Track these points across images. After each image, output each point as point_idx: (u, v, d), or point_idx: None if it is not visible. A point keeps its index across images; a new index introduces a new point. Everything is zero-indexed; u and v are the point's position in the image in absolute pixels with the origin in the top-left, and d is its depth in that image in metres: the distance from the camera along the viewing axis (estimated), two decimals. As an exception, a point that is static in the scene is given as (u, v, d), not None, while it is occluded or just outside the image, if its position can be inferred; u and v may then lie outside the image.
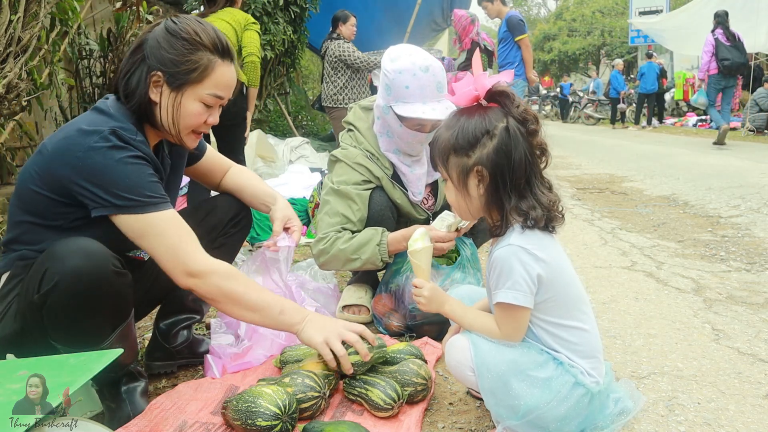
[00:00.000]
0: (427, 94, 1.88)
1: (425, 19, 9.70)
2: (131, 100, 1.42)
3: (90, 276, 1.25)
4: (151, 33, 1.43)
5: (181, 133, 1.47)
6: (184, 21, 1.44)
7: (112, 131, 1.33)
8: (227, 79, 1.47)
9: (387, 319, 2.03)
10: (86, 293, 1.25)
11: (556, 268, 1.25)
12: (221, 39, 1.45)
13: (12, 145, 3.55)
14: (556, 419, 1.22)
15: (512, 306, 1.23)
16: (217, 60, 1.43)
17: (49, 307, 1.25)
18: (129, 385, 1.47)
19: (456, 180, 1.29)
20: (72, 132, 1.33)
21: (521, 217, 1.24)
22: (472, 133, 1.24)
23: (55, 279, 1.23)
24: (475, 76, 1.27)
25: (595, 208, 4.45)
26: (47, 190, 1.34)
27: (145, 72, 1.41)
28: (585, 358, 1.27)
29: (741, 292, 2.38)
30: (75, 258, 1.24)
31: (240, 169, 1.87)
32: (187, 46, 1.40)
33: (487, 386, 1.26)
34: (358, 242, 1.94)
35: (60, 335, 1.30)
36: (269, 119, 8.52)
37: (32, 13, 2.67)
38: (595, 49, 26.35)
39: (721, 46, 7.87)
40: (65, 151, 1.31)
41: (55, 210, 1.36)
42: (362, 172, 2.03)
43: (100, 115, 1.39)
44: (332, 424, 1.34)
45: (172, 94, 1.42)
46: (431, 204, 2.19)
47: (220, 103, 1.49)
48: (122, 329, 1.37)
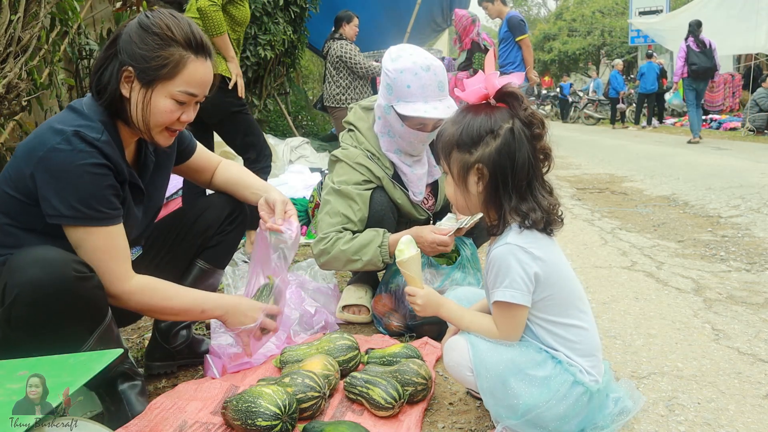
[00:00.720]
0: (428, 93, 1.88)
1: (425, 19, 9.70)
2: (102, 96, 1.40)
3: (49, 285, 1.22)
4: (126, 28, 1.40)
5: (152, 131, 1.43)
6: (158, 15, 1.40)
7: (75, 132, 1.30)
8: (200, 75, 1.42)
9: (387, 319, 2.03)
10: (48, 302, 1.22)
11: (554, 267, 1.26)
12: (196, 34, 1.41)
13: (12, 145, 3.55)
14: (556, 418, 1.22)
15: (510, 305, 1.23)
16: (189, 56, 1.39)
17: (14, 320, 1.23)
18: (126, 385, 1.47)
19: (456, 175, 1.30)
20: (41, 131, 1.32)
21: (520, 218, 1.24)
22: (477, 131, 1.24)
23: (15, 291, 1.21)
24: (487, 75, 1.27)
25: (595, 208, 4.45)
26: (17, 192, 1.33)
27: (116, 67, 1.38)
28: (584, 357, 1.27)
29: (741, 292, 2.38)
30: (33, 268, 1.22)
31: (229, 163, 1.84)
32: (158, 41, 1.36)
33: (485, 386, 1.26)
34: (359, 243, 1.94)
35: (34, 347, 1.25)
36: (269, 119, 8.51)
37: (32, 13, 2.67)
38: (595, 49, 26.33)
39: (691, 52, 8.66)
40: (31, 150, 1.30)
41: (27, 212, 1.34)
42: (363, 172, 2.03)
43: (71, 114, 1.38)
44: (332, 424, 1.34)
45: (143, 90, 1.38)
46: (431, 204, 2.19)
47: (194, 100, 1.45)
48: (101, 332, 1.34)
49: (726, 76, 14.75)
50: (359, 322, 2.16)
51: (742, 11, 12.08)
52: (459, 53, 6.25)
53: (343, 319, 2.17)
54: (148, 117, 1.41)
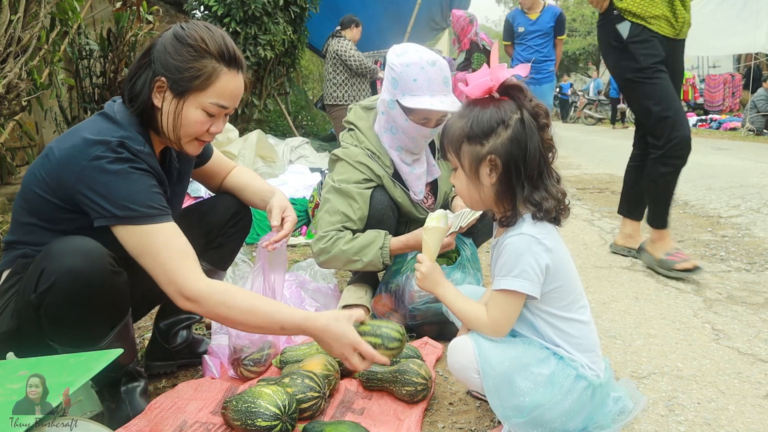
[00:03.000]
0: (434, 87, 1.89)
1: (425, 19, 9.69)
2: (134, 104, 1.42)
3: (87, 275, 1.24)
4: (161, 38, 1.42)
5: (182, 140, 1.45)
6: (193, 27, 1.42)
7: (120, 143, 1.33)
8: (233, 88, 1.44)
9: (387, 319, 2.03)
10: (83, 292, 1.24)
11: (561, 260, 1.27)
12: (229, 47, 1.43)
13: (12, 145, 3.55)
14: (561, 414, 1.22)
15: (513, 293, 1.23)
16: (222, 68, 1.41)
17: (46, 306, 1.24)
18: (129, 386, 1.47)
19: (468, 168, 1.29)
20: (79, 140, 1.32)
21: (534, 207, 1.25)
22: (487, 122, 1.24)
23: (53, 278, 1.22)
24: (492, 67, 1.27)
25: (595, 208, 4.45)
26: (53, 196, 1.34)
27: (150, 76, 1.40)
28: (584, 352, 1.28)
29: (741, 292, 2.38)
30: (72, 257, 1.24)
31: (242, 169, 1.86)
32: (192, 52, 1.38)
33: (491, 385, 1.25)
34: (360, 244, 1.94)
35: (57, 335, 1.29)
36: (269, 119, 8.51)
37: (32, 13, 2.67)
38: (595, 49, 26.32)
39: None
40: (72, 159, 1.31)
41: (60, 216, 1.35)
42: (363, 170, 2.03)
43: (107, 122, 1.39)
44: (332, 424, 1.34)
45: (174, 101, 1.40)
46: (431, 203, 2.19)
47: (224, 112, 1.47)
48: (120, 328, 1.36)
49: (726, 76, 14.77)
50: (359, 322, 2.15)
51: (742, 11, 12.08)
52: (458, 53, 6.25)
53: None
54: (179, 127, 1.42)
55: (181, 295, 1.30)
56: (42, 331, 1.30)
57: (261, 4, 6.04)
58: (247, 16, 6.08)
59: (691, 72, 16.50)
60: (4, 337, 1.35)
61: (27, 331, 1.32)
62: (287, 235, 1.71)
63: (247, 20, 6.11)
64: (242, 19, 6.07)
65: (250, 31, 6.09)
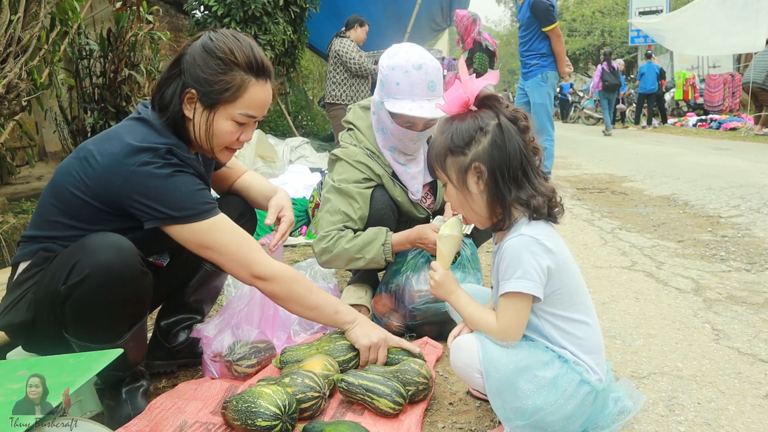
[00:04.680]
0: (416, 92, 1.88)
1: (425, 19, 9.70)
2: (165, 114, 1.43)
3: (120, 272, 1.26)
4: (190, 48, 1.44)
5: (215, 150, 1.49)
6: (221, 38, 1.43)
7: (169, 150, 1.36)
8: (261, 98, 1.46)
9: (387, 319, 2.02)
10: (114, 288, 1.26)
11: (563, 260, 1.26)
12: (257, 57, 1.44)
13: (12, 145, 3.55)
14: (562, 418, 1.22)
15: (519, 296, 1.23)
16: (251, 80, 1.43)
17: (75, 299, 1.25)
18: (131, 386, 1.47)
19: (455, 180, 1.30)
20: (125, 146, 1.33)
21: (523, 207, 1.25)
22: (466, 132, 1.26)
23: (86, 272, 1.23)
24: (464, 81, 1.29)
25: (595, 208, 4.45)
26: (93, 199, 1.35)
27: (180, 88, 1.42)
28: (589, 354, 1.27)
29: (741, 292, 2.38)
30: (107, 252, 1.25)
31: (252, 173, 1.90)
32: (222, 65, 1.40)
33: (494, 387, 1.25)
34: (362, 241, 1.94)
35: (78, 329, 1.30)
36: (269, 119, 8.52)
37: (32, 13, 2.67)
38: (595, 49, 26.30)
39: (605, 73, 12.89)
40: (119, 165, 1.32)
41: (98, 217, 1.37)
42: (363, 170, 2.03)
43: (148, 129, 1.41)
44: (332, 424, 1.34)
45: (205, 113, 1.43)
46: (431, 202, 2.19)
47: (253, 121, 1.49)
48: (137, 329, 1.38)
49: (726, 76, 14.76)
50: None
51: (742, 11, 12.08)
52: (462, 52, 6.27)
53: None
54: (211, 138, 1.45)
55: (256, 277, 1.46)
56: (59, 324, 1.30)
57: (261, 4, 6.05)
58: (247, 16, 6.09)
59: (691, 72, 16.50)
60: (18, 327, 1.35)
61: (42, 324, 1.32)
62: (284, 234, 1.73)
63: (247, 20, 6.11)
64: (242, 19, 6.07)
65: (250, 31, 6.10)
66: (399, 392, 1.43)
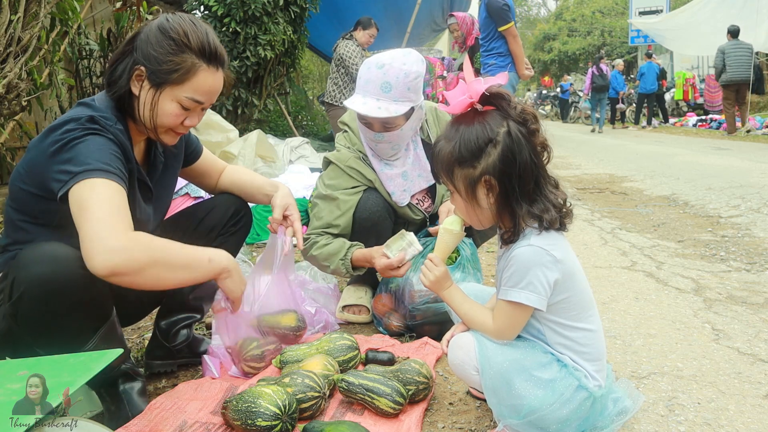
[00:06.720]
0: (369, 89, 1.89)
1: (425, 20, 9.70)
2: (112, 89, 1.42)
3: (56, 281, 1.21)
4: (146, 27, 1.42)
5: (158, 130, 1.45)
6: (178, 20, 1.41)
7: (90, 118, 1.33)
8: (210, 84, 1.44)
9: (387, 319, 2.03)
10: (55, 299, 1.22)
11: (570, 270, 1.25)
12: (211, 43, 1.42)
13: (12, 145, 3.55)
14: (557, 421, 1.22)
15: (520, 305, 1.22)
16: (201, 65, 1.41)
17: (21, 315, 1.23)
18: (126, 385, 1.47)
19: (464, 192, 1.26)
20: (54, 123, 1.34)
21: (536, 221, 1.22)
22: (475, 143, 1.21)
23: (22, 288, 1.21)
24: (468, 82, 1.25)
25: (595, 208, 4.45)
26: (30, 185, 1.34)
27: (130, 64, 1.40)
28: (590, 361, 1.27)
29: (741, 292, 2.38)
30: (39, 265, 1.22)
31: (235, 167, 1.87)
32: (173, 46, 1.38)
33: (489, 384, 1.25)
34: (327, 252, 2.00)
35: (39, 342, 1.27)
36: (269, 119, 8.52)
37: (32, 13, 2.67)
38: (595, 49, 26.30)
39: (594, 76, 13.63)
40: (44, 139, 1.31)
41: (39, 206, 1.35)
42: (353, 175, 2.06)
43: (83, 107, 1.40)
44: (332, 424, 1.34)
45: (152, 91, 1.41)
46: (428, 205, 2.18)
47: (200, 107, 1.47)
48: (104, 330, 1.35)
49: (726, 76, 14.74)
50: (359, 322, 2.16)
51: (742, 11, 12.09)
52: (460, 54, 6.31)
53: (343, 319, 2.17)
54: (155, 117, 1.43)
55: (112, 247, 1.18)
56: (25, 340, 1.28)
57: (261, 4, 6.05)
58: (247, 16, 6.08)
59: (691, 72, 16.51)
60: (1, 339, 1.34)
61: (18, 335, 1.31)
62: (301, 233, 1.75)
63: (247, 20, 6.11)
64: (242, 19, 6.07)
65: (250, 31, 6.10)
66: (399, 392, 1.43)
